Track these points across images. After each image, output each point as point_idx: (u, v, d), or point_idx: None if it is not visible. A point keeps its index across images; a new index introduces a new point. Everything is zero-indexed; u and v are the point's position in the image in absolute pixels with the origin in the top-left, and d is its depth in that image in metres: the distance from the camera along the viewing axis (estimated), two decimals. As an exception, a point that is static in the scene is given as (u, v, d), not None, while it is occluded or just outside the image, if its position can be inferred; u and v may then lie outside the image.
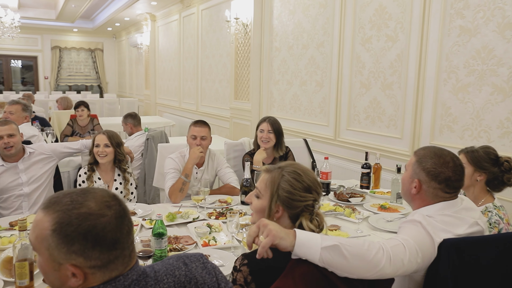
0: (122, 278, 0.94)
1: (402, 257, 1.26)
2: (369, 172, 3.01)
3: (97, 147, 2.65)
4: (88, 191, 0.95)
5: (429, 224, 1.38)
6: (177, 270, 1.03)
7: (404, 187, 1.59)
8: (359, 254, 1.20)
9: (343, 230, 2.15)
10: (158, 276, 1.00)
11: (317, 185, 1.38)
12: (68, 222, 0.88)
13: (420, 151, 1.57)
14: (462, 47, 3.07)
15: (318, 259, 1.16)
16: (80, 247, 0.88)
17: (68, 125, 5.13)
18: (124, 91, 14.12)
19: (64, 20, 12.22)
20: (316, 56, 4.58)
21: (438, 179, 1.47)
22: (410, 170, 1.56)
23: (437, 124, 3.32)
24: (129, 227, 0.95)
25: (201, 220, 2.28)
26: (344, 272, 1.19)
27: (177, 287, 1.01)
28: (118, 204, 0.95)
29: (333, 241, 1.19)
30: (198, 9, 7.61)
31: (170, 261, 1.06)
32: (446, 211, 1.46)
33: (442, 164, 1.48)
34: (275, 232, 1.16)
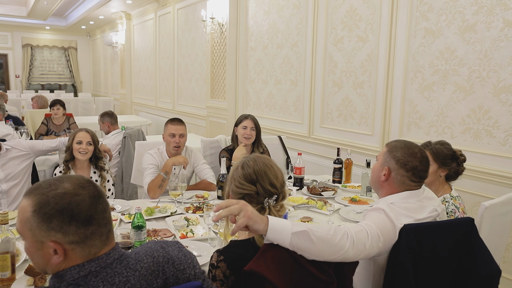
0: (104, 256, 1.02)
1: (365, 242, 1.38)
2: (341, 167, 3.14)
3: (79, 144, 2.67)
4: (65, 176, 1.06)
5: (391, 211, 1.50)
6: (155, 252, 1.12)
7: (374, 175, 1.72)
8: (325, 239, 1.30)
9: (315, 222, 2.26)
10: (138, 257, 1.08)
11: (265, 180, 1.42)
12: (46, 202, 0.98)
13: (392, 143, 1.71)
14: (427, 48, 3.24)
15: (289, 243, 1.26)
16: (58, 223, 0.97)
17: (43, 124, 5.08)
18: (99, 90, 13.94)
19: (35, 17, 11.97)
20: (291, 55, 4.70)
21: (406, 167, 1.60)
22: (381, 159, 1.69)
23: (405, 121, 3.48)
24: (103, 206, 1.03)
25: (179, 214, 2.36)
26: (311, 256, 1.29)
27: (156, 266, 1.09)
28: (92, 186, 1.04)
29: (303, 227, 1.29)
30: (174, 8, 7.63)
31: (149, 245, 1.15)
32: (410, 199, 1.59)
33: (411, 154, 1.61)
34: (251, 215, 1.24)
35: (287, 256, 1.24)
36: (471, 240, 1.52)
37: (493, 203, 1.81)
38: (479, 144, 2.94)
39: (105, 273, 1.01)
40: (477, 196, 2.90)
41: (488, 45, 2.83)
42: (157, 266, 1.09)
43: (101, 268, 1.01)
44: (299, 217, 2.30)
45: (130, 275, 1.03)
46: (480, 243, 1.53)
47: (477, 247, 1.52)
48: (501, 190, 2.70)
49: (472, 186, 2.94)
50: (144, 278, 1.05)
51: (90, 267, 1.00)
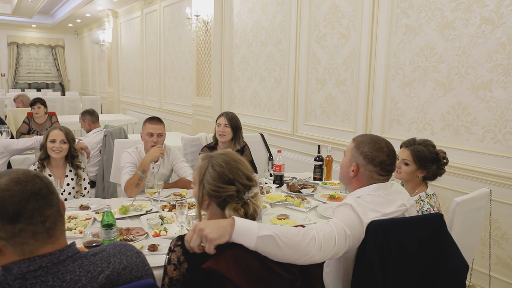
0: (57, 252, 1.00)
1: (333, 244, 1.36)
2: (322, 165, 3.13)
3: (52, 142, 2.63)
4: (8, 171, 1.02)
5: (359, 206, 1.48)
6: (112, 258, 1.09)
7: (342, 171, 1.70)
8: (292, 244, 1.27)
9: (292, 219, 2.25)
10: (93, 260, 1.06)
11: (241, 176, 1.40)
12: None
13: (358, 138, 1.69)
14: (408, 44, 3.24)
15: (253, 247, 1.23)
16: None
17: (24, 123, 5.01)
18: (87, 89, 13.81)
19: (21, 15, 11.80)
20: (275, 53, 4.68)
21: (374, 162, 1.59)
22: (349, 155, 1.67)
23: (387, 118, 3.48)
24: (40, 204, 0.99)
25: (154, 212, 2.33)
26: (277, 259, 1.27)
27: (111, 271, 1.07)
28: (32, 183, 1.00)
29: (269, 230, 1.25)
30: (160, 6, 7.57)
31: (107, 249, 1.12)
32: (378, 192, 1.58)
33: (378, 149, 1.60)
34: (212, 236, 1.20)
35: (249, 255, 1.21)
36: (440, 236, 1.51)
37: (464, 198, 1.81)
38: (459, 141, 2.95)
39: (56, 269, 0.99)
40: (456, 192, 2.91)
41: (466, 41, 2.84)
42: (112, 272, 1.07)
43: (53, 264, 0.99)
44: (276, 215, 2.28)
45: (82, 275, 1.01)
46: (449, 239, 1.52)
47: (446, 243, 1.51)
48: (478, 186, 2.70)
49: (451, 182, 2.95)
50: (95, 281, 1.03)
51: (41, 262, 0.98)
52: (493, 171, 2.72)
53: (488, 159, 2.77)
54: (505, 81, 2.66)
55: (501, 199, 2.70)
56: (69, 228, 2.07)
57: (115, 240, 1.80)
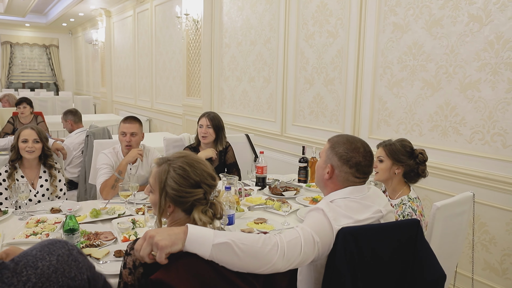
0: None
1: (298, 251, 1.27)
2: (306, 166, 3.04)
3: (24, 142, 2.53)
4: None
5: (331, 211, 1.39)
6: (40, 261, 0.97)
7: (318, 173, 1.60)
8: (251, 252, 1.19)
9: (269, 223, 2.16)
10: (17, 269, 0.93)
11: (207, 177, 1.34)
12: None
13: (333, 138, 1.60)
14: (396, 43, 3.16)
15: (209, 256, 1.15)
16: None
17: (9, 123, 4.92)
18: (81, 88, 13.71)
19: (13, 14, 11.68)
20: (264, 52, 4.59)
21: (349, 163, 1.50)
22: (324, 156, 1.58)
23: (375, 118, 3.39)
24: None
25: (127, 215, 2.24)
26: (235, 268, 1.18)
27: (39, 278, 0.94)
28: None
29: (226, 238, 1.17)
30: (151, 5, 7.48)
31: (33, 252, 0.99)
32: (352, 195, 1.49)
33: (354, 149, 1.51)
34: (163, 244, 1.12)
35: (204, 264, 1.12)
36: (416, 244, 1.42)
37: (445, 203, 1.72)
38: (447, 142, 2.87)
39: None
40: (443, 195, 2.82)
41: (454, 40, 2.75)
42: (41, 278, 0.95)
43: None
44: (253, 219, 2.19)
45: None
46: (425, 246, 1.43)
47: (422, 250, 1.42)
48: (467, 189, 2.61)
49: (439, 184, 2.87)
50: None
51: None
52: (481, 173, 2.64)
53: (476, 161, 2.69)
54: (493, 80, 2.57)
55: (488, 202, 2.62)
56: (35, 232, 1.98)
57: (78, 246, 1.71)
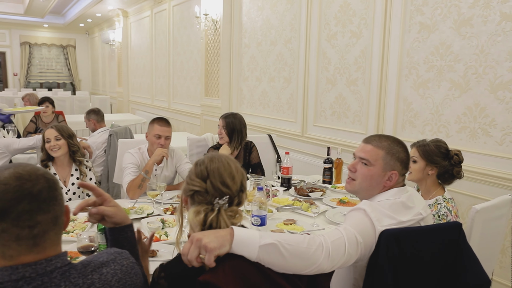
0: (44, 262, 0.91)
1: (342, 251, 1.25)
2: (331, 167, 3.02)
3: (48, 142, 2.56)
4: (21, 164, 0.95)
5: (373, 211, 1.37)
6: (105, 268, 1.01)
7: (372, 181, 1.50)
8: (297, 253, 1.17)
9: (299, 224, 2.14)
10: (84, 271, 0.97)
11: (216, 176, 1.24)
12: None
13: (383, 144, 1.51)
14: (422, 43, 3.11)
15: (256, 257, 1.13)
16: None
17: (32, 122, 4.98)
18: (97, 88, 13.85)
19: (33, 15, 11.87)
20: (284, 52, 4.57)
21: (404, 164, 1.52)
22: (380, 163, 1.49)
23: (399, 119, 3.35)
24: (31, 207, 0.90)
25: (156, 215, 2.24)
26: (281, 269, 1.17)
27: (103, 285, 0.98)
28: (33, 182, 0.91)
29: (272, 238, 1.15)
30: (169, 5, 7.52)
31: (100, 259, 1.03)
32: (397, 196, 1.47)
33: (405, 149, 1.52)
34: (212, 246, 1.09)
35: (249, 265, 1.11)
36: (458, 247, 1.39)
37: (484, 206, 1.69)
38: (476, 144, 2.81)
39: (40, 282, 0.89)
40: (473, 198, 2.77)
41: (485, 39, 2.70)
42: (104, 284, 0.97)
43: (37, 275, 0.89)
44: (282, 220, 2.17)
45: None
46: (468, 250, 1.40)
47: (465, 254, 1.39)
48: (497, 192, 2.57)
49: (468, 187, 2.82)
50: None
51: (24, 271, 0.88)
52: None
53: (507, 163, 2.63)
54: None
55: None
56: (67, 231, 2.00)
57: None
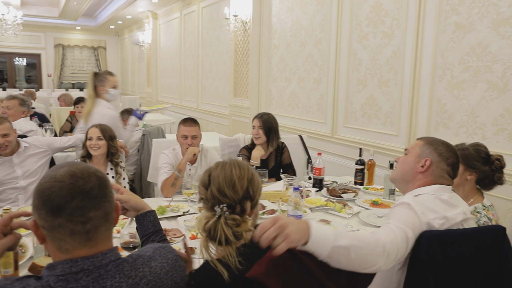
0: (100, 255, 0.96)
1: (395, 251, 1.28)
2: (363, 169, 3.00)
3: (90, 140, 2.66)
4: (74, 163, 1.01)
5: (417, 204, 1.40)
6: (153, 261, 1.05)
7: (406, 166, 1.62)
8: (363, 256, 1.20)
9: (333, 225, 2.15)
10: (135, 264, 1.02)
11: (215, 183, 1.24)
12: (40, 181, 0.98)
13: (427, 138, 1.66)
14: (457, 43, 3.06)
15: (325, 256, 1.15)
16: (36, 203, 0.96)
17: (67, 121, 5.15)
18: (126, 88, 14.16)
19: (66, 18, 12.27)
20: (314, 53, 4.57)
21: (447, 162, 1.57)
22: (417, 151, 1.61)
23: (432, 121, 3.31)
24: (85, 203, 0.95)
25: (191, 214, 2.29)
26: (338, 266, 1.19)
27: (153, 276, 1.03)
28: (85, 180, 0.96)
29: (346, 241, 1.16)
30: (198, 7, 7.62)
31: (147, 254, 1.08)
32: (438, 193, 1.50)
33: (451, 150, 1.59)
34: (294, 238, 1.10)
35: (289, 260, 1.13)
36: (502, 251, 1.37)
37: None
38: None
39: (97, 274, 0.94)
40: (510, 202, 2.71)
41: (525, 39, 2.64)
42: (154, 277, 1.02)
43: (95, 268, 0.95)
44: (316, 220, 2.18)
45: (123, 281, 0.97)
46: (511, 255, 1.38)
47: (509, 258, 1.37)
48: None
49: (507, 191, 2.74)
50: (136, 287, 0.98)
51: (83, 264, 0.94)
52: (553, 180, 2.51)
53: (547, 167, 2.56)
54: None
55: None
56: (108, 227, 2.07)
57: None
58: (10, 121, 2.70)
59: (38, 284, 0.91)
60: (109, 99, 3.43)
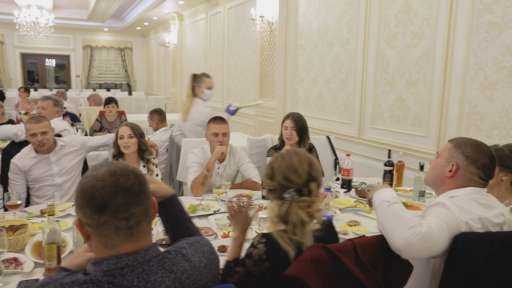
0: (143, 252, 1.00)
1: (429, 239, 1.29)
2: (392, 170, 2.98)
3: (121, 138, 2.73)
4: (113, 162, 1.05)
5: (453, 204, 1.40)
6: (192, 256, 1.09)
7: (435, 171, 1.62)
8: (398, 218, 1.35)
9: (363, 226, 2.15)
10: (175, 259, 1.05)
11: (279, 172, 1.35)
12: (82, 181, 1.02)
13: (457, 139, 1.63)
14: (491, 43, 3.00)
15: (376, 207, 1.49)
16: (80, 202, 1.00)
17: (97, 121, 5.29)
18: (152, 89, 14.40)
19: (95, 19, 12.58)
20: (341, 53, 4.56)
21: (476, 164, 1.53)
22: (445, 155, 1.60)
23: (463, 122, 3.25)
24: (127, 200, 0.98)
25: (222, 212, 2.33)
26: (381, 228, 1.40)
27: (193, 271, 1.06)
28: (125, 178, 1.00)
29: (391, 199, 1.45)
30: (224, 8, 7.69)
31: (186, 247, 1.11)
32: (473, 195, 1.48)
33: (481, 151, 1.54)
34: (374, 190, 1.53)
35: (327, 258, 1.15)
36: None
37: None
38: (549, 149, 2.67)
39: (141, 269, 0.98)
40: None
41: (562, 39, 2.57)
42: (194, 270, 1.06)
43: (138, 264, 0.99)
44: (346, 221, 2.19)
45: (165, 276, 1.01)
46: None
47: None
48: None
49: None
50: (179, 281, 1.02)
51: (127, 260, 0.98)
52: None
53: None
54: None
55: None
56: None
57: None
58: (48, 119, 2.80)
59: (87, 278, 0.95)
60: (205, 98, 3.76)
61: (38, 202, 2.77)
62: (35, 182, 2.77)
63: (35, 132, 2.68)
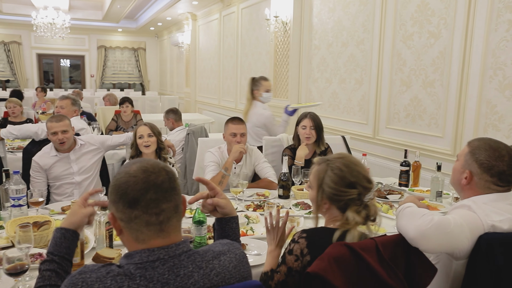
0: (174, 246, 1.03)
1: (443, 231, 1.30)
2: (408, 170, 2.97)
3: (140, 138, 2.76)
4: (145, 159, 1.09)
5: (479, 208, 1.38)
6: (222, 256, 1.11)
7: (454, 176, 1.59)
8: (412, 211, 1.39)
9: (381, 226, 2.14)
10: (205, 257, 1.08)
11: (362, 179, 1.39)
12: (115, 177, 1.07)
13: (474, 142, 1.54)
14: (511, 42, 2.97)
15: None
16: (113, 197, 1.05)
17: (113, 120, 5.36)
18: (165, 89, 14.51)
19: (109, 20, 12.72)
20: (356, 53, 4.54)
21: (490, 172, 1.45)
22: (462, 160, 1.55)
23: (481, 122, 3.22)
24: (157, 196, 1.01)
25: (239, 211, 2.35)
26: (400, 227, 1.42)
27: (223, 270, 1.08)
28: (156, 174, 1.03)
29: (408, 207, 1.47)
30: (238, 8, 7.71)
31: (216, 249, 1.14)
32: (499, 202, 1.43)
33: (497, 157, 1.45)
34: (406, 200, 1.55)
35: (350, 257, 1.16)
36: None
37: None
38: None
39: (172, 263, 1.01)
40: None
41: None
42: (224, 269, 1.08)
43: (169, 257, 1.01)
44: (363, 221, 2.19)
45: (195, 271, 1.03)
46: None
47: None
48: None
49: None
50: (207, 278, 1.04)
51: (159, 253, 1.01)
52: None
53: None
54: None
55: None
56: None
57: (205, 237, 1.83)
58: (69, 118, 2.85)
59: (120, 270, 0.99)
60: (263, 101, 3.90)
61: (57, 199, 2.82)
62: (55, 180, 2.83)
63: (56, 131, 2.73)
